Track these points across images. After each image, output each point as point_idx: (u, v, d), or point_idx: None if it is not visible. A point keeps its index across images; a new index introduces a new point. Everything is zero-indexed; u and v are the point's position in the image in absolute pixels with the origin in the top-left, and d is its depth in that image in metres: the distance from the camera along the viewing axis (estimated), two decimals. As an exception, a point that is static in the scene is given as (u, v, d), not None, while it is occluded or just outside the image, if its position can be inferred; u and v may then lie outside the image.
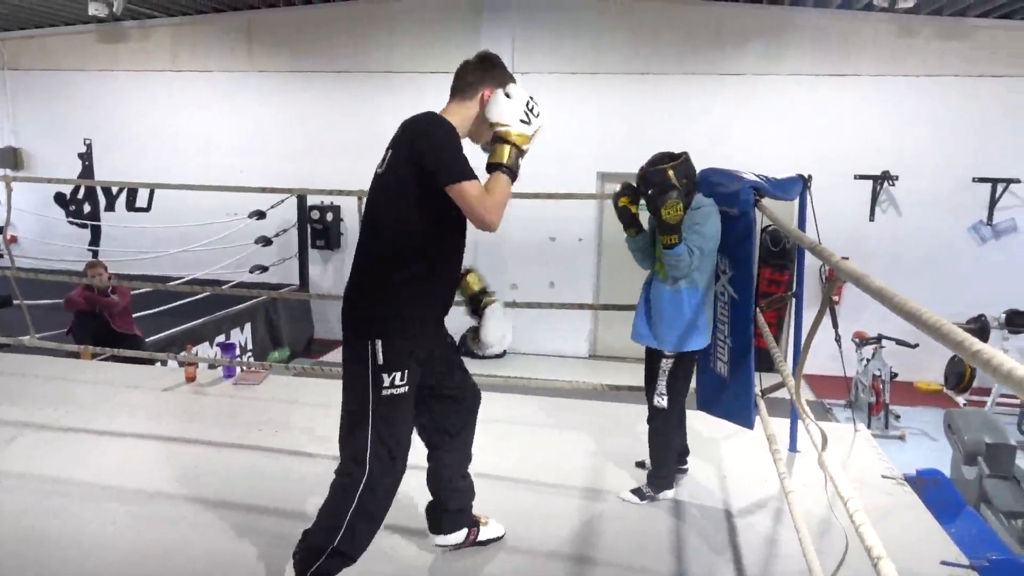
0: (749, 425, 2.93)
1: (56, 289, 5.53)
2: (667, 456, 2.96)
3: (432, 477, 2.44)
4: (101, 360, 5.19)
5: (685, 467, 3.19)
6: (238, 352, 6.61)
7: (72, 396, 4.05)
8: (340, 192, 4.20)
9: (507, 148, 2.07)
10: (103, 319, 5.92)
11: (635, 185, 2.82)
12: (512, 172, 2.07)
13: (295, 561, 2.14)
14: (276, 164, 9.08)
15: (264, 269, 8.70)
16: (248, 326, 7.72)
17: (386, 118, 9.33)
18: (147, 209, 9.83)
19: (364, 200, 3.93)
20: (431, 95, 9.62)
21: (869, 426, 6.21)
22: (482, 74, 2.18)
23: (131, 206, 9.90)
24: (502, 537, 2.61)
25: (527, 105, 2.09)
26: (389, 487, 2.13)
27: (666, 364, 2.84)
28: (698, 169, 2.88)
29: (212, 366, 4.78)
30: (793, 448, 3.40)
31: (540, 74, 8.51)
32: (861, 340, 6.89)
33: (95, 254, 9.59)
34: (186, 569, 2.43)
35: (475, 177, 2.01)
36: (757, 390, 2.97)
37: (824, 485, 1.65)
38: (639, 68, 8.36)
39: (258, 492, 2.93)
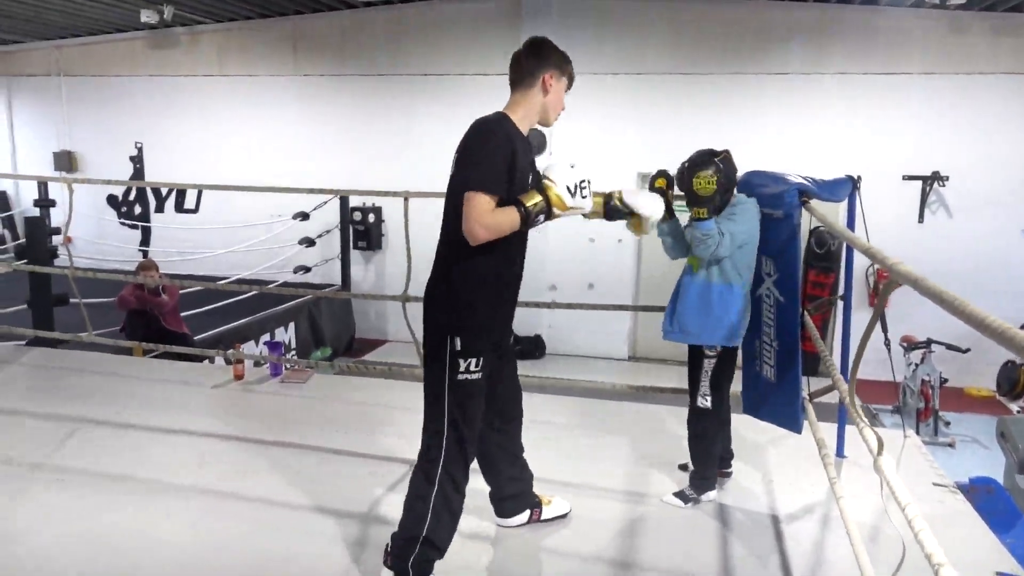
0: (797, 429, 2.89)
1: (110, 288, 5.70)
2: (710, 457, 2.94)
3: (485, 463, 2.55)
4: (152, 357, 5.33)
5: (729, 470, 3.16)
6: (283, 351, 6.73)
7: (127, 392, 4.17)
8: (381, 193, 4.25)
9: (539, 198, 2.16)
10: (154, 317, 6.08)
11: (671, 174, 2.82)
12: (527, 218, 2.13)
13: (391, 560, 2.25)
14: (318, 166, 9.22)
15: (307, 270, 8.85)
16: (292, 325, 7.86)
17: (424, 120, 9.49)
18: (195, 210, 10.07)
19: (407, 201, 4.01)
20: (469, 97, 9.77)
21: (918, 432, 6.07)
22: (538, 60, 2.25)
23: (180, 207, 10.15)
24: (567, 514, 2.74)
25: (580, 183, 2.20)
26: (462, 471, 2.24)
27: (708, 364, 2.82)
28: (742, 171, 2.86)
29: (258, 364, 4.88)
30: (840, 453, 3.35)
31: (581, 75, 8.43)
32: (910, 344, 6.73)
33: (145, 254, 9.85)
34: (239, 565, 2.49)
35: (497, 194, 2.09)
36: (805, 394, 2.93)
37: (880, 491, 1.62)
38: (681, 68, 8.30)
39: (312, 491, 2.99)
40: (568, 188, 2.17)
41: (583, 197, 2.20)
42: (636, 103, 8.42)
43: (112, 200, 10.29)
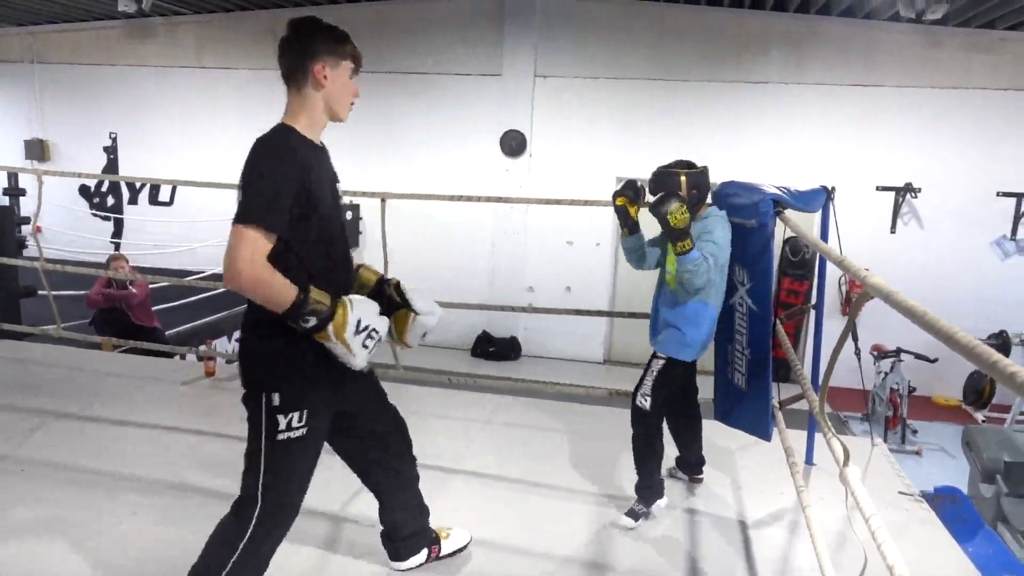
0: (767, 437, 2.92)
1: (80, 280, 5.60)
2: (651, 463, 2.86)
3: (380, 504, 2.33)
4: (122, 352, 5.25)
5: (700, 476, 3.19)
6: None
7: (94, 387, 4.10)
8: (359, 193, 4.22)
9: (326, 305, 1.77)
10: (123, 312, 5.99)
11: (639, 185, 2.84)
12: (298, 308, 1.73)
13: None
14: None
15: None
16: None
17: (403, 118, 9.47)
18: (170, 203, 9.94)
19: (384, 203, 4.00)
20: (450, 96, 9.73)
21: (886, 440, 6.17)
22: (301, 50, 1.84)
23: (154, 200, 10.02)
24: (468, 544, 2.55)
25: (372, 331, 1.82)
26: (276, 536, 1.97)
27: (656, 364, 2.80)
28: (718, 182, 2.88)
29: (231, 361, 4.81)
30: (809, 461, 3.38)
31: (562, 78, 8.53)
32: (880, 353, 6.84)
33: (117, 247, 9.70)
34: (204, 563, 2.46)
35: (270, 228, 1.70)
36: (775, 402, 2.96)
37: (844, 500, 1.64)
38: (661, 74, 8.36)
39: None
40: (358, 324, 1.79)
41: (363, 346, 1.80)
42: (616, 107, 8.46)
43: (84, 191, 10.12)
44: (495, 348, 8.75)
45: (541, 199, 4.23)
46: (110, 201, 10.15)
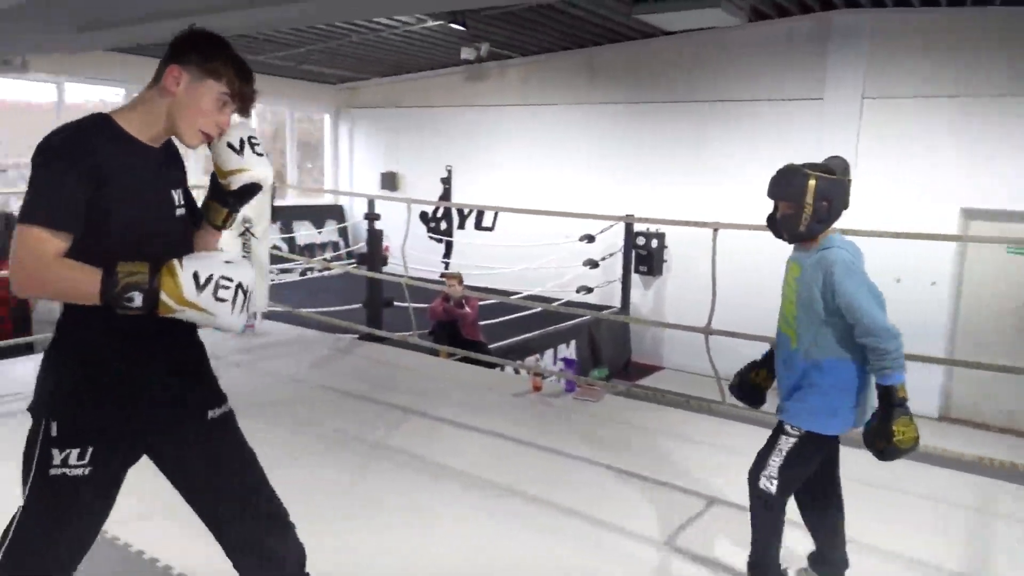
0: None
1: (422, 294, 6.42)
2: (767, 551, 2.33)
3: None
4: (455, 360, 5.90)
5: None
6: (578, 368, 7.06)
7: (437, 390, 4.67)
8: (666, 221, 4.26)
9: (143, 272, 1.46)
10: (455, 325, 6.74)
11: None
12: (109, 290, 1.44)
13: None
14: (607, 190, 9.54)
15: (589, 290, 9.17)
16: (573, 343, 8.19)
17: (715, 147, 9.36)
18: (491, 229, 10.97)
19: (716, 232, 3.99)
20: (765, 124, 9.37)
21: None
22: (175, 48, 1.62)
23: (478, 225, 11.14)
24: None
25: (222, 280, 1.49)
26: None
27: (785, 442, 2.26)
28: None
29: (543, 376, 5.16)
30: None
31: (895, 99, 7.80)
32: None
33: (446, 266, 10.94)
34: (529, 563, 2.66)
35: (59, 224, 1.46)
36: None
37: None
38: (1014, 89, 7.22)
39: (610, 509, 3.10)
40: (196, 278, 1.47)
41: (218, 299, 1.47)
42: (958, 129, 7.49)
43: (423, 216, 11.60)
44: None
45: (866, 231, 3.88)
46: (443, 226, 11.50)
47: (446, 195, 11.27)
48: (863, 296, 2.11)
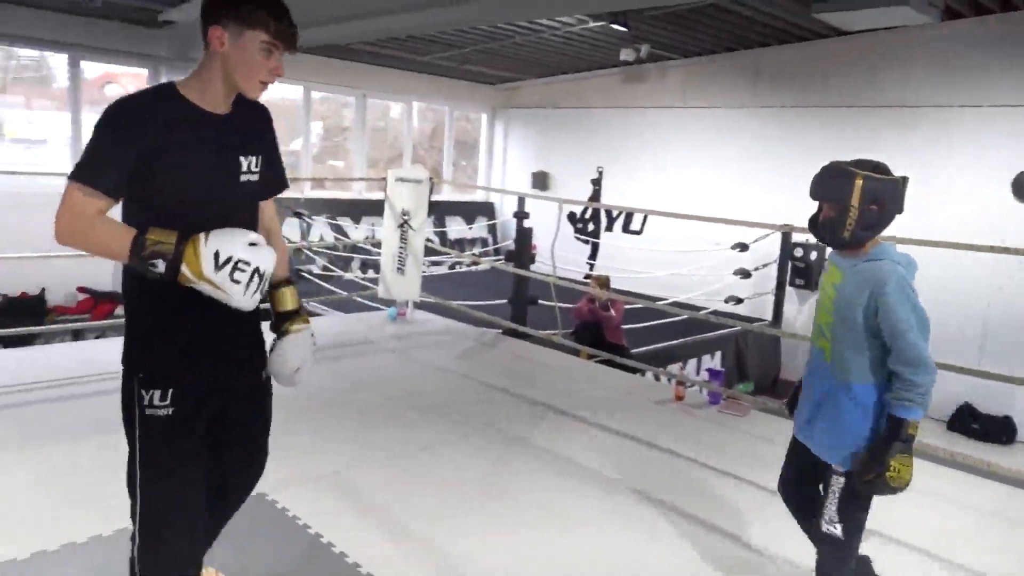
0: None
1: (565, 293, 6.43)
2: None
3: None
4: (596, 362, 5.86)
5: None
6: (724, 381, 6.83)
7: (578, 390, 4.66)
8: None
9: (169, 243, 1.57)
10: (599, 327, 6.69)
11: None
12: (137, 252, 1.56)
13: None
14: (765, 198, 9.11)
15: (739, 301, 8.80)
16: (718, 354, 7.91)
17: (895, 154, 8.72)
18: (639, 232, 10.82)
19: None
20: (955, 131, 8.64)
21: None
22: (208, 11, 1.65)
23: (626, 228, 11.02)
24: None
25: (238, 263, 1.59)
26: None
27: (837, 483, 2.07)
28: None
29: (687, 385, 5.00)
30: None
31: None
32: None
33: (591, 267, 10.91)
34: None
35: (99, 184, 1.58)
36: None
37: None
38: None
39: (740, 527, 2.96)
40: (216, 257, 1.57)
41: (233, 280, 1.58)
42: None
43: (571, 217, 11.63)
44: (980, 425, 7.44)
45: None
46: (590, 227, 11.48)
47: (595, 196, 11.25)
48: (911, 324, 1.93)
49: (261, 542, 2.59)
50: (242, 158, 1.75)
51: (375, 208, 11.36)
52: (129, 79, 9.23)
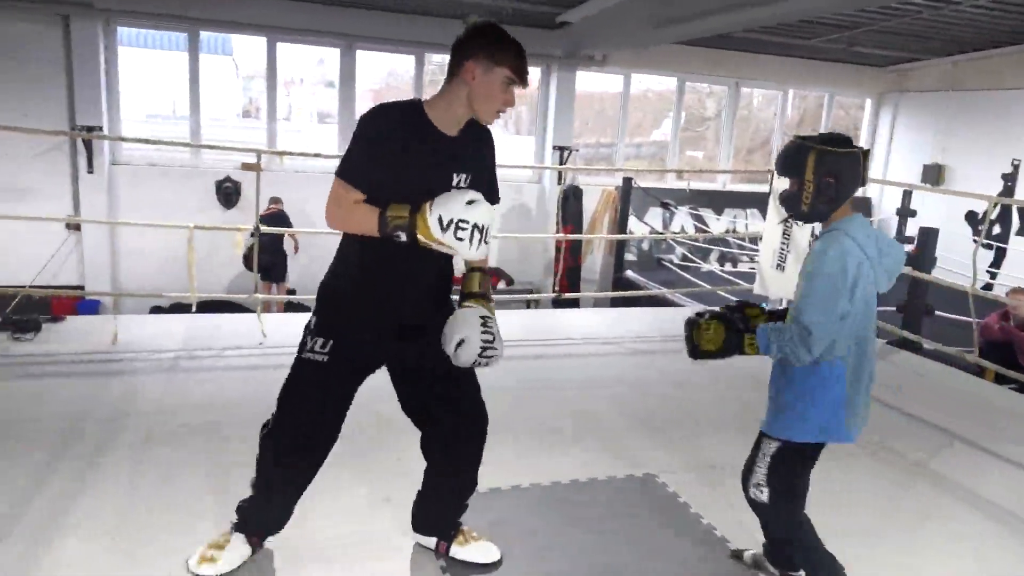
0: None
1: (957, 304, 5.57)
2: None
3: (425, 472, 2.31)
4: (1010, 388, 5.00)
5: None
6: None
7: (986, 419, 4.05)
8: None
9: (404, 215, 1.89)
10: (1012, 348, 5.69)
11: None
12: (383, 228, 1.90)
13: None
14: None
15: None
16: None
17: None
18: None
19: None
20: None
21: None
22: (460, 47, 1.92)
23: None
24: (489, 565, 2.31)
25: (460, 222, 1.87)
26: (286, 465, 2.12)
27: (767, 447, 2.11)
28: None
29: None
30: None
31: None
32: None
33: (992, 276, 9.33)
34: None
35: (354, 184, 1.93)
36: None
37: None
38: None
39: None
40: (440, 221, 1.86)
41: (457, 239, 1.87)
42: None
43: (970, 216, 10.06)
44: None
45: None
46: (996, 229, 9.79)
47: (1007, 193, 9.55)
48: (817, 294, 1.92)
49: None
50: (455, 174, 2.02)
51: (738, 200, 11.11)
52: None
